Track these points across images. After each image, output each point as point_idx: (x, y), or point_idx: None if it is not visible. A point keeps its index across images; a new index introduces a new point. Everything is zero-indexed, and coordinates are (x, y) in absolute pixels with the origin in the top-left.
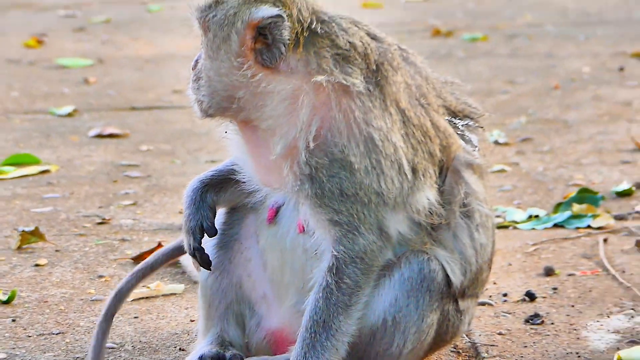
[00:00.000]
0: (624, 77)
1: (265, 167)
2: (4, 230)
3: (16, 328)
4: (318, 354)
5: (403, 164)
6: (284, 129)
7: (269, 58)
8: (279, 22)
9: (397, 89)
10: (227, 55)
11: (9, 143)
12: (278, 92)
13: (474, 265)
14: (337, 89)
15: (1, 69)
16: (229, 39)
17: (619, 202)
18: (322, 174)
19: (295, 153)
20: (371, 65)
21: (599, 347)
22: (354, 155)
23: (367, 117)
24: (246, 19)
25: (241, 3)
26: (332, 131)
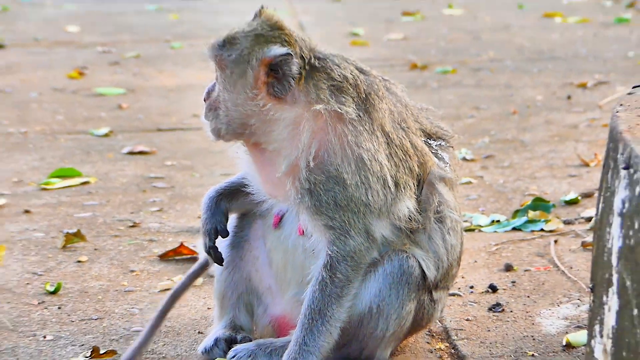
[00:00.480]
0: (571, 104)
1: (271, 182)
2: (51, 232)
3: (61, 314)
4: (315, 336)
5: (387, 179)
6: (287, 150)
7: (280, 90)
8: (288, 59)
9: (382, 115)
10: (243, 89)
11: (55, 159)
12: (283, 119)
13: (445, 262)
14: (333, 116)
15: (48, 96)
16: (245, 74)
17: (567, 209)
18: (319, 189)
19: (297, 171)
20: (361, 95)
21: (551, 332)
22: (346, 173)
23: (357, 140)
24: (260, 57)
25: (253, 44)
26: (329, 152)
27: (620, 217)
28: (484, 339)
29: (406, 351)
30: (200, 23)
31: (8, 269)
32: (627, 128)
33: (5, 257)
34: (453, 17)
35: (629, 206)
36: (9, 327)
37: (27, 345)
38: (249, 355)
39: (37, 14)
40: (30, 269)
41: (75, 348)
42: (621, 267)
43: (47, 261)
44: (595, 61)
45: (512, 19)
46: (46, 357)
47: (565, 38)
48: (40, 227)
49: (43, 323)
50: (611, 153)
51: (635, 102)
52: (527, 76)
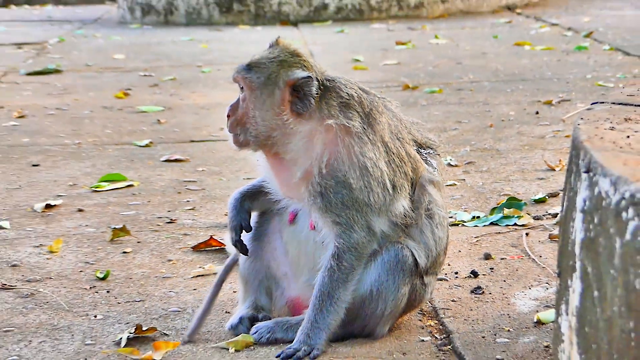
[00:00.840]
0: (539, 118)
1: (287, 186)
2: (100, 228)
3: (109, 297)
4: (324, 315)
5: (386, 183)
6: (303, 159)
7: (301, 107)
8: (309, 81)
9: (382, 127)
10: (271, 106)
11: (104, 166)
12: (300, 132)
13: (434, 252)
14: (342, 129)
15: (99, 113)
16: (273, 94)
17: (536, 207)
18: (329, 192)
19: (310, 177)
20: (365, 110)
21: (524, 310)
22: (352, 178)
23: (362, 150)
24: (285, 79)
25: (279, 68)
26: (338, 161)
27: (582, 213)
28: (467, 317)
29: (401, 327)
30: (226, 51)
31: (64, 259)
32: (587, 138)
33: (62, 248)
34: (439, 45)
35: (589, 204)
36: (65, 308)
37: (80, 324)
38: (269, 332)
39: (89, 44)
40: (83, 258)
41: (121, 326)
42: (583, 256)
43: (97, 252)
44: (559, 82)
45: (488, 47)
46: (96, 334)
47: (534, 63)
48: (91, 223)
49: (94, 304)
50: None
51: (593, 116)
52: (501, 95)
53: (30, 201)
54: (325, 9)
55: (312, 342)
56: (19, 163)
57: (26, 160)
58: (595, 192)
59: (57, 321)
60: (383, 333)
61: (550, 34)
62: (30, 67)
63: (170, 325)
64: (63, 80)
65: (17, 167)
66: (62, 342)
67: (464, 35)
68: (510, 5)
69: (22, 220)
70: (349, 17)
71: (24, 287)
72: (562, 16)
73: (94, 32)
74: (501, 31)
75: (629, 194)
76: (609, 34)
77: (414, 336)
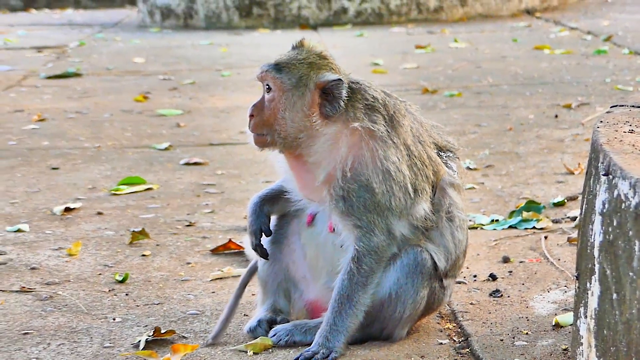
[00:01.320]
0: (558, 122)
1: (308, 188)
2: (120, 231)
3: (128, 300)
4: (343, 318)
5: (408, 187)
6: (326, 162)
7: (330, 110)
8: (339, 84)
9: (404, 130)
10: (301, 108)
11: (124, 169)
12: (326, 134)
13: (453, 254)
14: (367, 133)
15: (119, 116)
16: (304, 96)
17: (555, 210)
18: (352, 196)
19: (332, 180)
20: (389, 113)
21: (542, 313)
22: (375, 182)
23: (386, 155)
24: (316, 81)
25: (309, 70)
26: (361, 165)
27: (600, 216)
28: (485, 320)
29: (420, 330)
30: (245, 55)
31: (83, 261)
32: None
33: (81, 251)
34: (458, 49)
35: (608, 206)
36: (84, 310)
37: (99, 326)
38: (287, 334)
39: (109, 48)
40: (102, 261)
41: (140, 328)
42: (602, 259)
43: (116, 255)
44: (578, 86)
45: (508, 50)
46: (115, 336)
47: (553, 67)
48: (110, 226)
49: (113, 307)
50: (593, 162)
51: (612, 119)
52: (520, 98)
53: (50, 204)
54: (345, 13)
55: (331, 345)
56: (39, 166)
57: (46, 163)
58: (615, 195)
59: (76, 324)
60: (401, 336)
61: (569, 38)
62: (51, 71)
63: (189, 328)
64: (83, 83)
65: (36, 170)
66: (81, 345)
67: (483, 38)
68: (529, 9)
69: (42, 223)
70: (368, 21)
71: (43, 290)
72: (581, 20)
73: (114, 36)
74: (520, 35)
75: None
76: (629, 38)
77: (432, 339)
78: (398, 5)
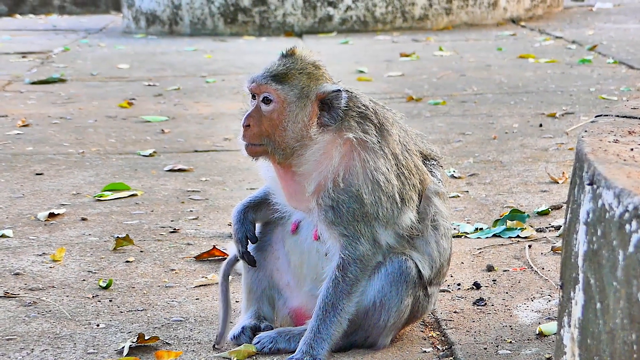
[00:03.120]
0: (542, 131)
1: (296, 197)
2: (104, 237)
3: (112, 306)
4: (327, 326)
5: (396, 197)
6: (317, 171)
7: (328, 120)
8: (339, 95)
9: (393, 140)
10: (302, 119)
11: (107, 175)
12: (319, 142)
13: (437, 263)
14: (359, 143)
15: (103, 122)
16: (305, 107)
17: (539, 219)
18: (341, 206)
19: (322, 189)
20: (380, 122)
21: (526, 322)
22: (365, 193)
23: (376, 165)
24: (316, 92)
25: (309, 81)
26: (353, 175)
27: (585, 225)
28: (469, 328)
29: (404, 338)
30: (230, 61)
31: (67, 267)
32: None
33: (65, 257)
34: (443, 57)
35: (593, 216)
36: (68, 316)
37: (82, 332)
38: (271, 342)
39: (93, 54)
40: (86, 267)
41: (123, 335)
42: (586, 268)
43: (100, 261)
44: (562, 95)
45: (493, 59)
46: (99, 343)
47: (537, 75)
48: (94, 232)
49: (96, 313)
50: (577, 172)
51: (597, 129)
52: (505, 107)
53: (34, 210)
54: (330, 20)
55: (315, 353)
56: (23, 172)
57: (30, 169)
58: (599, 205)
59: (60, 330)
60: (385, 344)
61: (554, 47)
62: (35, 76)
63: (173, 334)
64: (67, 89)
65: (20, 175)
66: (65, 351)
67: (468, 47)
68: (514, 18)
69: (26, 228)
70: (353, 29)
71: (27, 296)
72: (566, 29)
73: (99, 42)
74: (505, 44)
75: (632, 206)
76: (613, 47)
77: (416, 347)
78: (383, 13)
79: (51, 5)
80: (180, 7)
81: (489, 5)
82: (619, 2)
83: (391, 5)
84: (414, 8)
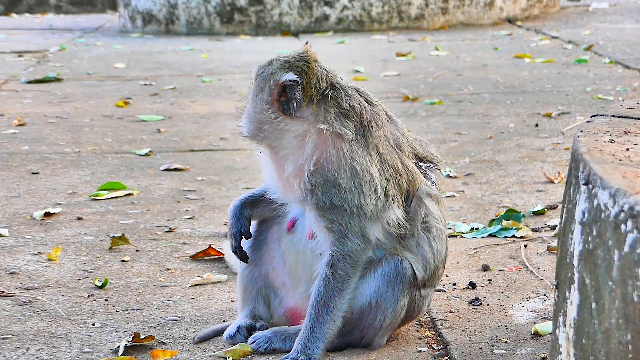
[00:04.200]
0: (538, 130)
1: (282, 181)
2: (99, 236)
3: (108, 305)
4: (320, 325)
5: (378, 188)
6: (294, 156)
7: (286, 109)
8: (294, 86)
9: (377, 140)
10: (261, 100)
11: (103, 174)
12: (292, 131)
13: (432, 264)
14: (333, 135)
15: (99, 121)
16: (264, 90)
17: (535, 219)
18: (319, 190)
19: (301, 174)
20: (363, 122)
21: (521, 322)
22: (341, 178)
23: (352, 155)
24: (276, 79)
25: (278, 68)
26: (327, 161)
27: (580, 225)
28: (464, 328)
29: (399, 338)
30: (226, 61)
31: (63, 266)
32: (587, 150)
33: (61, 256)
34: (439, 57)
35: (588, 216)
36: (63, 316)
37: (78, 331)
38: (266, 341)
39: (90, 53)
40: (82, 267)
41: (119, 334)
42: (581, 268)
43: (96, 260)
44: (558, 95)
45: (489, 59)
46: (94, 342)
47: (534, 75)
48: (90, 231)
49: (92, 313)
50: (573, 171)
51: (593, 129)
52: (501, 107)
53: (30, 209)
54: (326, 20)
55: (310, 352)
56: (19, 171)
57: (26, 168)
58: (594, 204)
59: (55, 329)
60: (381, 344)
61: (550, 47)
62: (31, 75)
63: (168, 333)
64: (63, 88)
65: (16, 174)
66: (60, 350)
67: (464, 47)
68: (510, 17)
69: (21, 228)
70: (349, 28)
71: (22, 295)
72: (562, 29)
73: (95, 41)
74: (501, 43)
75: (627, 206)
76: (609, 47)
77: (412, 347)
78: (379, 12)
79: (47, 4)
80: (176, 7)
81: (485, 5)
82: (615, 2)
83: (387, 5)
84: (410, 8)
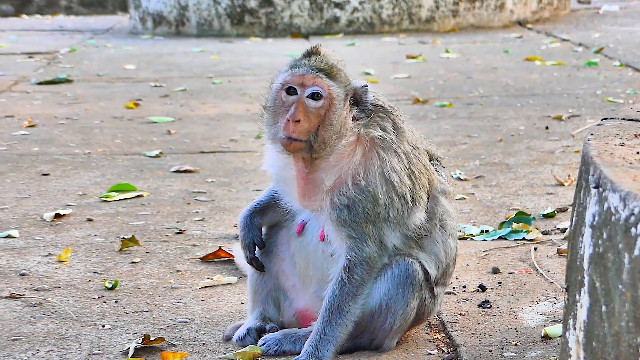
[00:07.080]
0: (548, 133)
1: (310, 196)
2: (110, 238)
3: (118, 307)
4: (333, 328)
5: (407, 196)
6: (339, 166)
7: (360, 114)
8: (366, 90)
9: (406, 137)
10: (343, 114)
11: (114, 176)
12: (348, 138)
13: (444, 262)
14: (380, 141)
15: (109, 123)
16: (346, 100)
17: (545, 222)
18: (357, 205)
19: (340, 187)
20: (395, 121)
21: (531, 325)
22: (379, 193)
23: (392, 165)
24: (352, 87)
25: (346, 78)
26: (370, 174)
27: (590, 228)
28: (474, 330)
29: (409, 341)
30: (237, 63)
31: (73, 268)
32: (597, 154)
33: (71, 258)
34: (449, 59)
35: (598, 219)
36: (73, 317)
37: (88, 333)
38: (276, 343)
39: (100, 54)
40: (92, 268)
41: (129, 335)
42: (591, 271)
43: (106, 262)
44: (568, 98)
45: (499, 62)
46: (104, 343)
47: (544, 78)
48: (100, 233)
49: (102, 314)
50: (583, 174)
51: (603, 132)
52: (511, 110)
53: (40, 210)
54: (337, 22)
55: (320, 354)
56: (29, 172)
57: (36, 169)
58: (605, 208)
59: (65, 331)
60: (391, 346)
61: (560, 50)
62: (41, 77)
63: (178, 335)
64: (74, 89)
65: (26, 176)
66: (70, 352)
67: (474, 49)
68: (521, 20)
69: (32, 229)
70: (360, 30)
71: (33, 296)
72: (573, 32)
73: (105, 42)
74: (512, 46)
75: (638, 209)
76: (620, 50)
77: (422, 349)
78: (390, 15)
79: (58, 5)
80: (187, 8)
81: (496, 7)
82: (626, 5)
83: (398, 7)
84: (420, 10)
